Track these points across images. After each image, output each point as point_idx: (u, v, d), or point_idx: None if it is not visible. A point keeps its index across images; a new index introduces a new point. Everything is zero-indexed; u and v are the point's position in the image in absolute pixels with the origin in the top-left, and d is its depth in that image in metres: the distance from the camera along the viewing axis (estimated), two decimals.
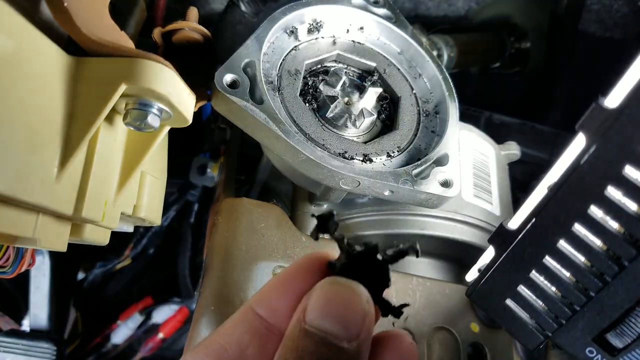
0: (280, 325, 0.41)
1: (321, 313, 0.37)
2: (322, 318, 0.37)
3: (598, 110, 0.49)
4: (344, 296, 0.38)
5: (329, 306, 0.37)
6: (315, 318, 0.37)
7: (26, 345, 1.10)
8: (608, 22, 1.32)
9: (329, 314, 0.37)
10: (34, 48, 0.52)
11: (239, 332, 0.42)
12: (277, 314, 0.42)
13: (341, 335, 0.36)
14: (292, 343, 0.37)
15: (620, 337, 0.55)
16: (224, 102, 0.67)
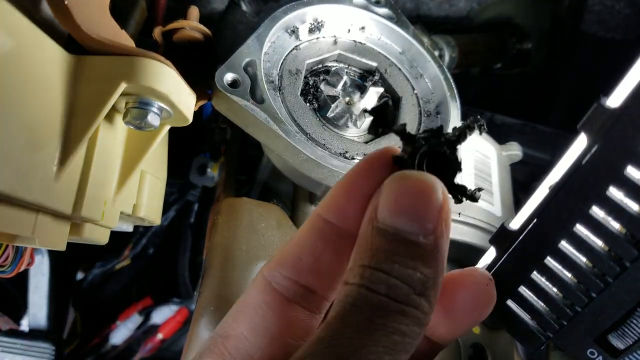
0: (351, 229, 0.38)
1: (393, 210, 0.34)
2: (394, 215, 0.34)
3: (600, 110, 0.49)
4: (416, 190, 0.35)
5: (401, 202, 0.34)
6: (387, 216, 0.34)
7: (25, 345, 1.10)
8: (609, 23, 1.32)
9: (402, 210, 0.34)
10: (34, 46, 0.52)
11: (311, 240, 0.40)
12: (347, 217, 0.39)
13: (416, 231, 0.34)
14: (366, 243, 0.35)
15: (621, 338, 0.55)
16: (224, 102, 0.67)
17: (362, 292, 0.32)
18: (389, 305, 0.32)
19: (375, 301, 0.32)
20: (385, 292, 0.32)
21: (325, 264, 0.40)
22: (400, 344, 0.31)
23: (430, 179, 0.35)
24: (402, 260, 0.33)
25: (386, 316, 0.31)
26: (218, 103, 0.68)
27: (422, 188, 0.34)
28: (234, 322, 0.40)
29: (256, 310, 0.40)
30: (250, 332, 0.39)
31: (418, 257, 0.33)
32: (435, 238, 0.34)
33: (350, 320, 0.31)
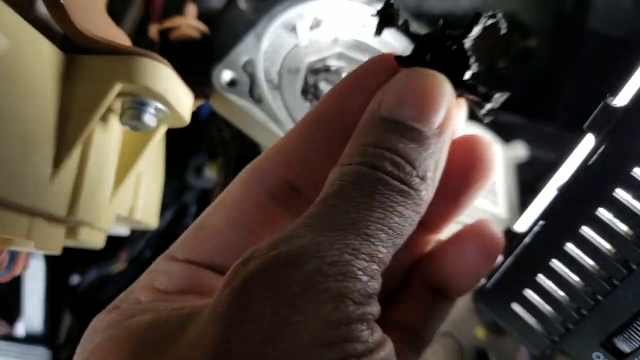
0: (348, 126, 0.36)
1: (399, 102, 0.33)
2: (400, 107, 0.33)
3: (606, 109, 0.48)
4: (424, 84, 0.34)
5: (408, 95, 0.33)
6: (393, 107, 0.33)
7: (20, 350, 1.09)
8: (615, 21, 1.31)
9: (408, 102, 0.33)
10: (28, 45, 0.51)
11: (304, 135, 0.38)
12: (346, 113, 0.37)
13: (422, 122, 0.32)
14: (367, 129, 0.33)
15: (627, 341, 0.54)
16: (222, 101, 0.66)
17: (362, 170, 0.31)
18: (391, 183, 0.30)
19: (377, 177, 0.30)
20: (388, 170, 0.31)
21: (317, 164, 0.37)
22: (397, 226, 0.30)
23: (439, 75, 0.34)
24: (407, 142, 0.32)
25: (387, 194, 0.30)
26: (216, 102, 0.67)
27: (431, 83, 0.33)
28: (211, 215, 0.38)
29: (237, 203, 0.37)
30: (228, 225, 0.37)
31: (423, 144, 0.32)
32: (440, 132, 0.33)
33: (348, 196, 0.30)
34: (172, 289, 0.35)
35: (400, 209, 0.30)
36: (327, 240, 0.27)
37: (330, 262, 0.26)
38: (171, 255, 0.37)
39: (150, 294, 0.34)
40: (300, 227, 0.29)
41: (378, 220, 0.29)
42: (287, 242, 0.28)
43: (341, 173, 0.31)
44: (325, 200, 0.30)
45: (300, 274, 0.26)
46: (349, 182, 0.30)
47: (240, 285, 0.27)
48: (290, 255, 0.27)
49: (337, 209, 0.29)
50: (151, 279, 0.35)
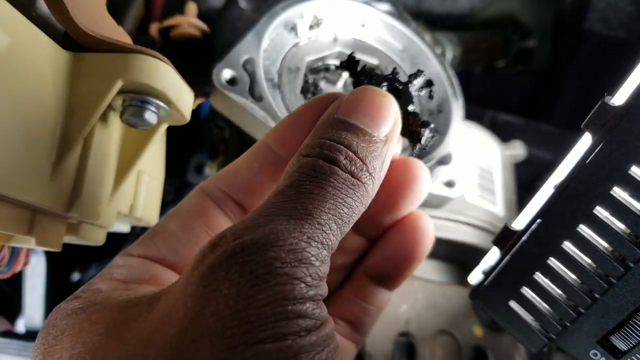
0: (288, 154, 0.42)
1: (355, 108, 0.38)
2: (355, 112, 0.38)
3: (604, 108, 0.48)
4: (377, 98, 0.39)
5: (363, 104, 0.38)
6: (349, 112, 0.38)
7: (21, 346, 1.09)
8: (613, 21, 1.31)
9: (363, 110, 0.38)
10: (29, 43, 0.51)
11: (249, 161, 0.44)
12: (289, 145, 0.42)
13: (371, 126, 0.38)
14: (325, 126, 0.38)
15: (624, 339, 0.54)
16: (222, 100, 0.66)
17: (319, 163, 0.35)
18: (343, 176, 0.35)
19: (332, 170, 0.35)
20: (342, 163, 0.35)
21: (258, 185, 0.44)
22: (345, 215, 0.34)
23: (388, 94, 0.39)
24: (359, 142, 0.36)
25: (338, 187, 0.34)
26: (216, 101, 0.68)
27: (383, 99, 0.39)
28: (165, 222, 0.43)
29: (188, 212, 0.43)
30: (180, 229, 0.42)
31: (373, 146, 0.37)
32: (387, 139, 0.38)
33: (305, 188, 0.34)
34: (130, 279, 0.39)
35: (350, 201, 0.35)
36: (286, 229, 0.31)
37: (288, 250, 0.30)
38: (128, 253, 0.41)
39: (110, 284, 0.38)
40: (261, 216, 0.32)
41: (329, 210, 0.33)
42: (249, 231, 0.31)
43: (299, 164, 0.35)
44: (284, 190, 0.34)
45: (262, 260, 0.30)
46: (305, 174, 0.34)
47: (209, 269, 0.30)
48: (252, 243, 0.30)
49: (295, 199, 0.33)
50: (110, 272, 0.40)
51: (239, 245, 0.30)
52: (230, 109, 0.67)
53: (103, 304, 0.35)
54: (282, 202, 0.33)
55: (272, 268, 0.30)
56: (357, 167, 0.36)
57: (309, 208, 0.33)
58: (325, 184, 0.34)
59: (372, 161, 0.37)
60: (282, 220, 0.32)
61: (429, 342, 0.75)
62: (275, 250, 0.30)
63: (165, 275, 0.41)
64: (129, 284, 0.39)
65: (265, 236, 0.31)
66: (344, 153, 0.35)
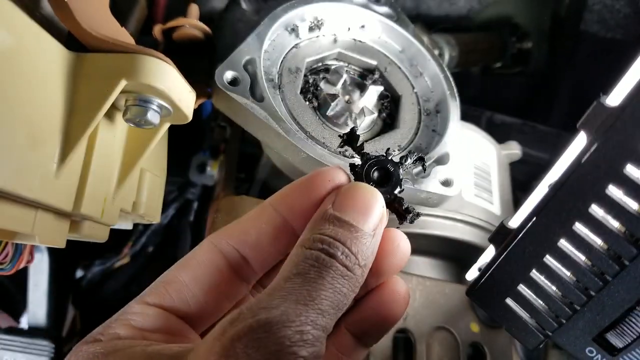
0: (295, 223, 0.48)
1: (347, 206, 0.45)
2: (347, 210, 0.44)
3: (600, 108, 0.49)
4: (367, 197, 0.45)
5: (354, 202, 0.45)
6: (342, 209, 0.44)
7: (24, 343, 1.10)
8: (610, 23, 1.32)
9: (354, 208, 0.44)
10: (34, 44, 0.52)
11: (259, 222, 0.49)
12: (294, 211, 0.48)
13: (362, 225, 0.44)
14: (315, 225, 0.44)
15: (620, 336, 0.55)
16: (224, 100, 0.67)
17: (320, 256, 0.41)
18: (340, 269, 0.41)
19: (331, 264, 0.41)
20: (339, 258, 0.41)
21: (264, 244, 0.49)
22: (340, 302, 0.40)
23: (375, 191, 0.46)
24: (352, 238, 0.43)
25: (336, 278, 0.41)
26: (218, 101, 0.68)
27: (372, 198, 0.45)
28: (178, 272, 0.47)
29: (200, 265, 0.47)
30: (192, 282, 0.46)
31: (364, 241, 0.43)
32: (375, 233, 0.45)
33: (309, 278, 0.40)
34: (146, 328, 0.44)
35: (344, 290, 0.41)
36: (294, 313, 0.37)
37: (296, 331, 0.36)
38: (143, 300, 0.45)
39: (128, 330, 0.43)
40: (274, 298, 0.38)
41: (328, 298, 0.39)
42: (265, 311, 0.37)
43: (304, 256, 0.41)
44: (292, 278, 0.40)
45: (275, 338, 0.35)
46: (310, 264, 0.41)
47: (230, 340, 0.35)
48: (267, 323, 0.36)
49: (302, 287, 0.39)
50: (127, 318, 0.44)
51: (257, 322, 0.36)
52: (232, 109, 0.68)
53: (127, 353, 0.40)
54: (291, 288, 0.39)
55: (284, 346, 0.35)
56: (351, 261, 0.42)
57: (312, 295, 0.39)
58: (326, 274, 0.40)
59: (363, 254, 0.43)
60: (291, 304, 0.38)
61: (427, 339, 0.76)
62: (286, 331, 0.36)
63: (177, 326, 0.45)
64: (145, 332, 0.43)
65: (278, 317, 0.36)
66: (340, 249, 0.42)
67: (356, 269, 0.42)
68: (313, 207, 0.48)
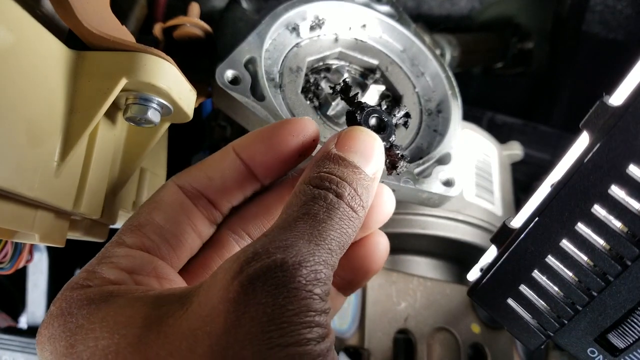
0: (257, 171, 0.50)
1: (350, 147, 0.45)
2: (350, 151, 0.45)
3: (602, 108, 0.49)
4: (369, 140, 0.46)
5: (357, 145, 0.46)
6: (345, 150, 0.45)
7: (23, 343, 1.10)
8: (612, 23, 1.32)
9: (357, 150, 0.45)
10: (35, 41, 0.52)
11: (221, 166, 0.50)
12: (256, 161, 0.49)
13: (365, 167, 0.45)
14: (319, 163, 0.45)
15: (622, 337, 0.54)
16: (225, 99, 0.67)
17: (329, 196, 0.42)
18: (347, 210, 0.42)
19: (339, 204, 0.42)
20: (347, 199, 0.43)
21: (228, 188, 0.50)
22: (345, 241, 0.42)
23: (377, 137, 0.47)
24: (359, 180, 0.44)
25: (343, 218, 0.42)
26: (218, 100, 0.68)
27: (375, 142, 0.47)
28: (149, 215, 0.47)
29: (169, 206, 0.48)
30: (166, 222, 0.47)
31: (367, 183, 0.45)
32: (375, 179, 0.46)
33: (320, 218, 0.41)
34: (134, 270, 0.44)
35: (349, 231, 0.42)
36: (308, 252, 0.38)
37: (311, 271, 0.37)
38: (124, 243, 0.46)
39: (118, 274, 0.43)
40: (287, 238, 0.39)
41: (336, 237, 0.41)
42: (281, 251, 0.38)
43: (312, 195, 0.42)
44: (302, 218, 0.41)
45: (292, 277, 0.36)
46: (319, 205, 0.42)
47: (248, 280, 0.36)
48: (284, 263, 0.37)
49: (313, 228, 0.40)
50: (113, 261, 0.44)
51: (274, 262, 0.37)
52: (233, 108, 0.68)
53: (128, 299, 0.40)
54: (303, 228, 0.40)
55: (300, 285, 0.37)
56: (356, 202, 0.43)
57: (323, 235, 0.40)
58: (334, 214, 0.42)
59: (366, 196, 0.45)
60: (305, 244, 0.39)
61: (428, 339, 0.76)
62: (302, 271, 0.37)
63: (162, 269, 0.46)
64: (134, 275, 0.44)
65: (294, 257, 0.37)
66: (347, 189, 0.43)
67: (360, 210, 0.44)
68: (276, 160, 0.49)
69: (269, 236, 0.40)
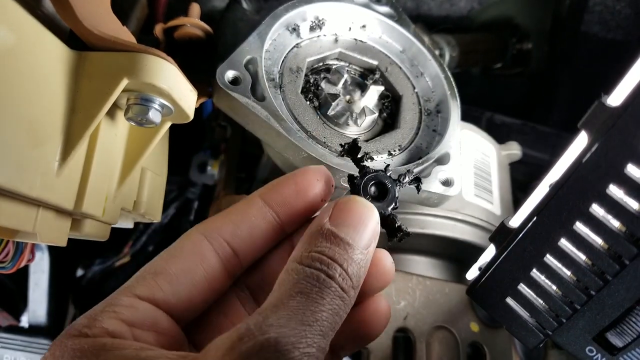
0: (284, 218, 0.49)
1: (343, 221, 0.45)
2: (343, 225, 0.45)
3: (601, 108, 0.49)
4: (363, 213, 0.46)
5: (351, 218, 0.45)
6: (338, 224, 0.45)
7: (25, 342, 1.10)
8: (610, 24, 1.32)
9: (350, 224, 0.45)
10: (36, 42, 0.52)
11: (249, 215, 0.49)
12: (284, 207, 0.49)
13: (357, 243, 0.44)
14: (312, 239, 0.44)
15: (620, 336, 0.55)
16: (225, 99, 0.67)
17: (321, 277, 0.42)
18: (337, 291, 0.42)
19: (329, 285, 0.42)
20: (337, 280, 0.42)
21: (255, 238, 0.49)
22: (336, 324, 0.42)
23: (372, 208, 0.47)
24: (349, 259, 0.43)
25: (334, 299, 0.41)
26: (219, 100, 0.68)
27: (369, 214, 0.46)
28: (166, 263, 0.46)
29: (189, 256, 0.47)
30: (181, 274, 0.46)
31: (358, 260, 0.44)
32: (367, 254, 0.45)
33: (312, 298, 0.40)
34: (135, 323, 0.43)
35: (340, 312, 0.42)
36: (300, 334, 0.38)
37: (303, 353, 0.37)
38: (132, 292, 0.44)
39: (117, 325, 0.42)
40: (280, 317, 0.39)
41: (327, 319, 0.41)
42: (274, 329, 0.38)
43: (305, 274, 0.42)
44: (295, 296, 0.41)
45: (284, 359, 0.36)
46: (312, 284, 0.41)
47: (240, 357, 0.36)
48: (277, 343, 0.37)
49: (306, 307, 0.40)
50: (115, 311, 0.43)
51: (267, 341, 0.37)
52: (233, 108, 0.68)
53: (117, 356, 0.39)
54: (295, 307, 0.40)
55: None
56: (347, 283, 0.43)
57: (316, 317, 0.40)
58: (326, 294, 0.41)
59: (356, 275, 0.44)
60: (297, 324, 0.39)
61: (427, 338, 0.76)
62: (294, 352, 0.37)
63: (166, 324, 0.45)
64: (135, 328, 0.43)
65: (287, 337, 0.37)
66: (338, 271, 0.43)
67: (350, 291, 0.43)
68: (303, 204, 0.49)
69: (262, 314, 0.39)
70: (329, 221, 0.45)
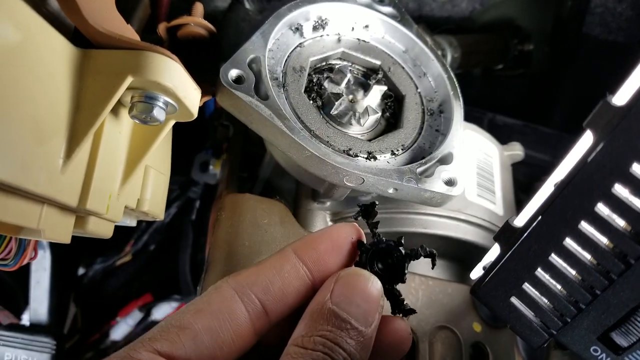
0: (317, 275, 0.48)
1: (345, 298, 0.44)
2: (346, 303, 0.44)
3: (606, 107, 0.49)
4: (367, 290, 0.45)
5: (354, 295, 0.44)
6: (341, 301, 0.44)
7: (26, 340, 1.10)
8: (612, 26, 1.32)
9: (353, 302, 0.44)
10: (41, 39, 0.52)
11: (282, 271, 0.48)
12: (321, 265, 0.48)
13: (360, 321, 0.44)
14: (313, 321, 0.44)
15: (625, 336, 0.55)
16: (228, 98, 0.67)
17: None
18: None
19: None
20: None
21: (287, 295, 0.47)
22: None
23: (378, 285, 0.46)
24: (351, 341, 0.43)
25: None
26: (222, 99, 0.68)
27: (372, 289, 0.46)
28: (192, 318, 0.44)
29: (217, 313, 0.45)
30: (207, 331, 0.44)
31: (363, 341, 0.44)
32: (372, 330, 0.45)
33: None
34: None
35: None
36: None
37: None
38: (153, 346, 0.42)
39: None
40: None
41: None
42: None
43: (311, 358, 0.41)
44: None
45: None
46: None
47: None
48: None
49: None
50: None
51: None
52: (236, 107, 0.68)
53: None
54: None
55: None
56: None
57: None
58: None
59: (363, 351, 0.44)
60: None
61: (430, 338, 0.76)
62: None
63: None
64: None
65: None
66: (343, 355, 0.42)
67: None
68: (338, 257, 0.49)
69: None
70: (331, 299, 0.44)
